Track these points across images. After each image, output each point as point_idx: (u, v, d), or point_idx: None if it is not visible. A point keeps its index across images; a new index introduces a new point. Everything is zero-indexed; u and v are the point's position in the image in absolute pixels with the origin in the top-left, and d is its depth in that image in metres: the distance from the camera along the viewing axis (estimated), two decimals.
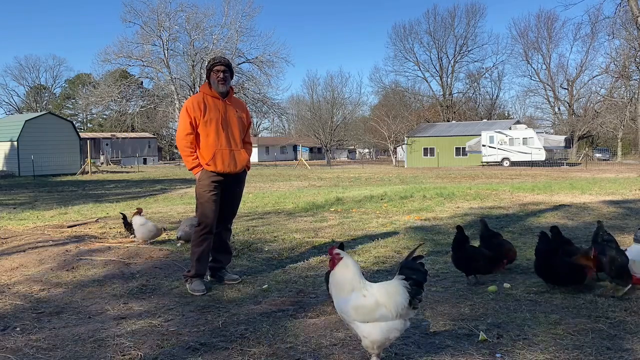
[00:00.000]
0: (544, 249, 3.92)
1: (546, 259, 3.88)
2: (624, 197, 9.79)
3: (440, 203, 9.34)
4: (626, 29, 35.03)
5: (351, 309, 2.51)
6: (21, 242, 6.20)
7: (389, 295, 2.52)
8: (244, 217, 8.02)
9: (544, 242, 3.95)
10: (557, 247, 4.00)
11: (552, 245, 3.98)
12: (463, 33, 65.16)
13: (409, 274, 2.55)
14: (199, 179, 4.30)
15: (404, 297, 2.49)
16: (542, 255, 3.91)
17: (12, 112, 68.18)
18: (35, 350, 3.01)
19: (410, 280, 2.53)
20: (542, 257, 3.90)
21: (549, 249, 3.91)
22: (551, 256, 3.87)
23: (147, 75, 46.16)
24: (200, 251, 4.27)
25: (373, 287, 2.59)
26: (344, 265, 2.60)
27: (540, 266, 3.91)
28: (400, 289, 2.52)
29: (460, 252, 4.21)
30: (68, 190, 17.68)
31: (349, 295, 2.53)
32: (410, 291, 2.51)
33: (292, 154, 74.49)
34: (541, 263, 3.90)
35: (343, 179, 22.91)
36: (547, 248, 3.92)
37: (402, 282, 2.53)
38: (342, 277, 2.58)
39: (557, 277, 3.86)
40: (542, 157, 38.73)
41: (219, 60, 4.36)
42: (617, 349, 2.81)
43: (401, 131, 54.57)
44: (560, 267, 3.82)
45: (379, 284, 2.63)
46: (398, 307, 2.48)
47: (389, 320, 2.49)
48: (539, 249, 3.95)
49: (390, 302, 2.49)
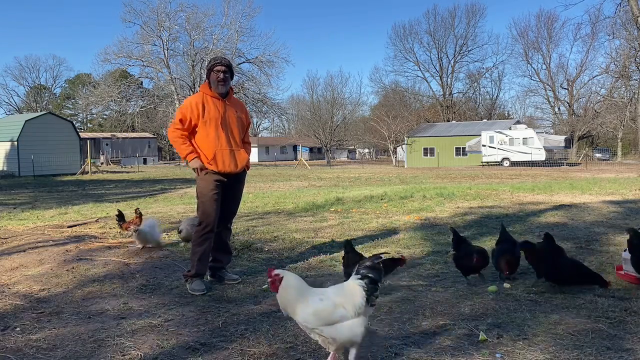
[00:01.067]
0: (548, 250, 3.90)
1: (553, 260, 3.85)
2: (624, 197, 9.80)
3: (440, 203, 9.34)
4: (626, 29, 35.08)
5: (311, 315, 2.53)
6: (21, 242, 6.20)
7: (345, 295, 2.57)
8: (244, 217, 8.02)
9: (548, 243, 3.93)
10: (561, 248, 3.99)
11: (557, 246, 3.96)
12: (463, 33, 65.30)
13: (366, 273, 2.60)
14: (199, 178, 4.30)
15: (361, 295, 2.54)
16: (548, 257, 3.89)
17: (12, 112, 68.22)
18: (35, 350, 3.01)
19: (366, 279, 2.58)
20: (548, 258, 3.88)
21: (553, 250, 3.89)
22: (556, 257, 3.86)
23: (147, 75, 46.27)
24: (201, 251, 4.27)
25: (328, 290, 2.64)
26: (286, 284, 2.59)
27: (546, 268, 3.89)
28: (357, 288, 2.57)
29: (458, 252, 4.24)
30: (68, 190, 17.68)
31: (305, 304, 2.55)
32: (367, 289, 2.55)
33: (292, 154, 74.48)
34: (546, 265, 3.88)
35: (343, 179, 22.91)
36: (551, 249, 3.90)
37: (357, 282, 2.59)
38: (289, 295, 2.58)
39: (562, 278, 3.84)
40: (542, 157, 38.73)
41: (219, 60, 4.35)
42: (617, 349, 2.81)
43: (401, 131, 54.58)
44: (565, 268, 3.80)
45: (335, 286, 2.69)
46: (356, 305, 2.53)
47: (349, 319, 2.52)
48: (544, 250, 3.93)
49: (347, 301, 2.54)
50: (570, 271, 3.80)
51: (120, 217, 6.38)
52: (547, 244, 3.94)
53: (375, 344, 2.94)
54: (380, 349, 2.89)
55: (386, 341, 3.02)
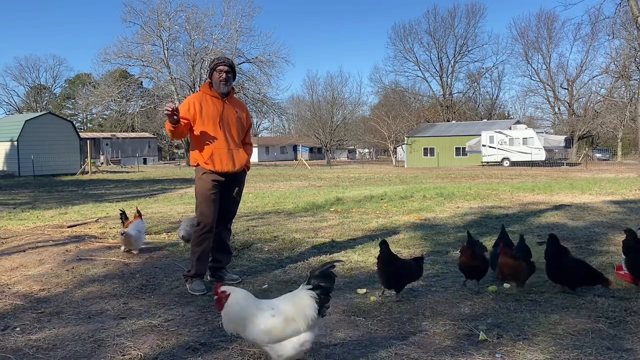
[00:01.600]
0: (554, 251, 3.89)
1: (557, 260, 3.84)
2: (624, 197, 9.80)
3: (440, 203, 9.34)
4: (626, 29, 35.08)
5: (263, 333, 2.39)
6: (21, 242, 6.20)
7: (297, 308, 2.44)
8: (244, 217, 8.02)
9: (553, 244, 3.91)
10: (566, 249, 3.97)
11: (561, 247, 3.94)
12: (463, 33, 65.33)
13: (318, 282, 2.48)
14: (199, 178, 4.29)
15: (313, 307, 2.43)
16: (553, 257, 3.88)
17: (12, 112, 68.22)
18: (35, 350, 3.01)
19: (318, 289, 2.46)
20: (553, 259, 3.87)
21: (559, 251, 3.88)
22: (562, 258, 3.85)
23: (147, 75, 46.28)
24: (200, 251, 4.27)
25: (278, 303, 2.51)
26: (234, 301, 2.45)
27: (552, 269, 3.88)
28: (308, 300, 2.45)
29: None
30: (68, 190, 17.68)
31: (256, 321, 2.41)
32: (319, 300, 2.44)
33: (292, 154, 74.48)
34: (552, 265, 3.87)
35: (343, 179, 22.91)
36: (557, 250, 3.89)
37: (309, 293, 2.47)
38: (238, 312, 2.44)
39: (569, 279, 3.83)
40: (542, 157, 38.74)
41: (222, 60, 4.35)
42: (617, 349, 2.81)
43: (401, 131, 54.59)
44: (571, 269, 3.79)
45: (284, 298, 2.55)
46: (308, 318, 2.41)
47: (300, 333, 2.41)
48: (549, 251, 3.91)
49: (299, 315, 2.42)
50: (574, 272, 3.79)
51: (123, 216, 6.41)
52: (552, 244, 3.92)
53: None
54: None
55: (386, 341, 3.02)
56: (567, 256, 3.89)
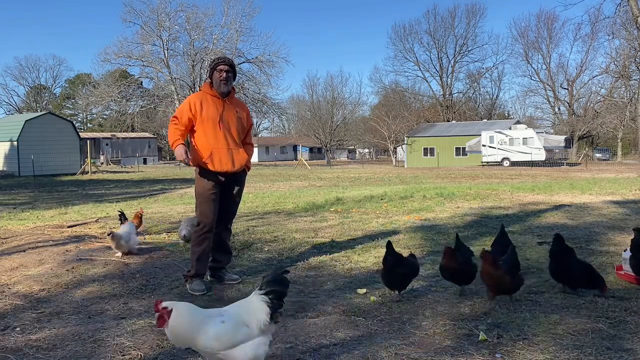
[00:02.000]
0: (559, 251, 3.87)
1: (561, 260, 3.83)
2: (624, 197, 9.80)
3: (440, 203, 9.34)
4: (626, 29, 35.08)
5: (213, 340, 2.33)
6: (21, 242, 6.20)
7: (248, 313, 2.42)
8: (244, 217, 8.02)
9: (558, 244, 3.90)
10: (571, 249, 3.95)
11: (566, 247, 3.92)
12: (463, 33, 65.32)
13: (271, 288, 2.46)
14: (198, 178, 4.30)
15: (265, 312, 2.40)
16: (557, 257, 3.86)
17: (12, 112, 68.20)
18: (35, 350, 3.01)
19: (271, 294, 2.44)
20: (557, 259, 3.86)
21: (564, 251, 3.87)
22: (566, 258, 3.83)
23: (147, 75, 46.20)
24: (200, 251, 4.27)
25: (229, 309, 2.48)
26: (177, 315, 2.35)
27: (555, 268, 3.87)
28: (260, 304, 2.43)
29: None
30: (68, 190, 17.68)
31: (205, 329, 2.34)
32: (271, 305, 2.42)
33: (292, 154, 74.48)
34: (556, 265, 3.86)
35: (343, 179, 22.91)
36: (561, 249, 3.87)
37: (261, 297, 2.45)
38: (184, 325, 2.35)
39: (572, 280, 3.82)
40: (542, 157, 38.74)
41: (223, 59, 4.35)
42: (617, 349, 2.81)
43: (401, 131, 54.59)
44: (574, 270, 3.78)
45: (236, 304, 2.53)
46: (260, 323, 2.39)
47: (253, 338, 2.38)
48: (554, 250, 3.90)
49: (251, 319, 2.39)
50: (577, 273, 3.77)
51: (122, 217, 6.43)
52: (557, 244, 3.91)
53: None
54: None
55: (386, 341, 3.02)
56: (572, 257, 3.87)
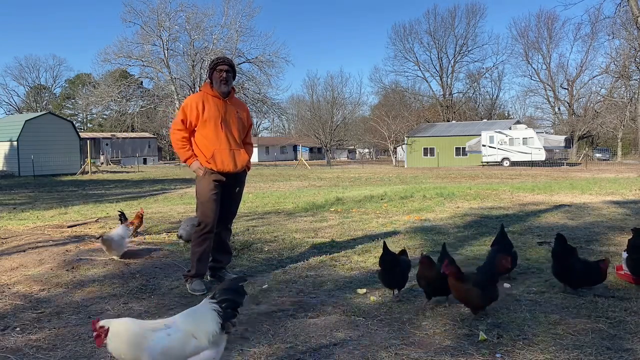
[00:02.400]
0: (560, 251, 3.86)
1: (564, 260, 3.83)
2: (624, 197, 9.80)
3: (440, 203, 9.34)
4: (626, 29, 35.08)
5: (160, 355, 2.21)
6: (21, 242, 6.20)
7: (197, 323, 2.31)
8: (244, 217, 8.02)
9: (560, 244, 3.89)
10: (573, 249, 3.94)
11: (569, 246, 3.91)
12: (463, 33, 65.34)
13: (224, 296, 2.36)
14: (199, 178, 4.30)
15: (215, 322, 2.29)
16: (560, 257, 3.85)
17: (12, 112, 68.18)
18: (35, 350, 3.01)
19: (224, 303, 2.34)
20: (560, 259, 3.85)
21: (566, 250, 3.86)
22: (569, 258, 3.82)
23: (147, 75, 46.23)
24: (200, 251, 4.27)
25: (176, 320, 2.36)
26: (115, 334, 2.23)
27: (558, 268, 3.86)
28: (210, 314, 2.31)
29: None
30: (68, 190, 17.68)
31: (150, 344, 2.22)
32: (223, 315, 2.31)
33: (292, 154, 74.47)
34: (559, 265, 3.85)
35: (343, 179, 22.91)
36: (563, 249, 3.86)
37: (211, 306, 2.33)
38: (124, 344, 2.22)
39: (575, 279, 3.81)
40: (542, 157, 38.73)
41: (222, 59, 4.35)
42: (617, 349, 2.82)
43: (401, 131, 54.59)
44: (578, 269, 3.77)
45: (184, 313, 2.42)
46: (209, 334, 2.27)
47: (204, 350, 2.27)
48: (556, 251, 3.89)
49: (200, 330, 2.28)
50: (579, 273, 3.77)
51: (122, 217, 6.45)
52: (559, 244, 3.89)
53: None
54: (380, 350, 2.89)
55: (386, 341, 3.02)
56: (574, 256, 3.86)
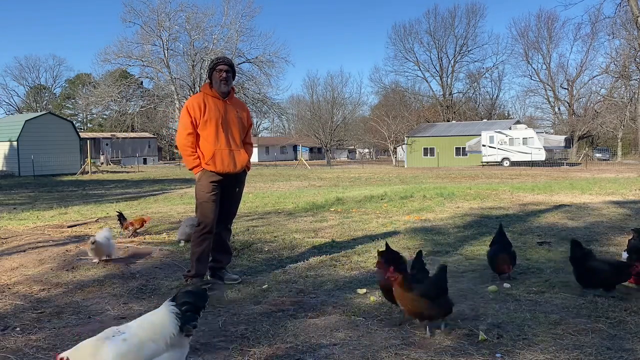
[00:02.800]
0: (579, 256, 3.83)
1: (584, 264, 3.81)
2: (624, 197, 9.80)
3: (440, 203, 9.34)
4: (626, 29, 35.13)
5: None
6: (21, 242, 6.20)
7: (153, 327, 2.31)
8: (244, 217, 8.02)
9: (577, 249, 3.86)
10: (590, 251, 3.91)
11: (586, 250, 3.88)
12: (463, 33, 65.32)
13: (185, 299, 2.35)
14: (199, 178, 4.30)
15: (173, 325, 2.29)
16: (581, 263, 3.82)
17: (12, 112, 68.17)
18: (35, 350, 3.01)
19: (184, 305, 2.34)
20: (581, 264, 3.82)
21: (584, 255, 3.83)
22: (589, 261, 3.80)
23: (147, 75, 46.22)
24: (200, 251, 4.27)
25: (131, 325, 2.34)
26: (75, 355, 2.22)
27: (581, 273, 3.83)
28: (167, 317, 2.32)
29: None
30: (68, 190, 17.68)
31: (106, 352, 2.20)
32: (181, 317, 2.31)
33: (292, 154, 74.45)
34: (581, 270, 3.82)
35: (343, 179, 22.91)
36: (582, 254, 3.83)
37: (170, 309, 2.34)
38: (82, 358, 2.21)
39: (598, 281, 3.78)
40: (542, 157, 38.73)
41: (222, 60, 4.36)
42: (617, 349, 2.81)
43: (401, 131, 54.58)
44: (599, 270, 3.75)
45: (142, 317, 2.43)
46: (166, 337, 2.27)
47: (162, 353, 2.26)
48: (576, 256, 3.86)
49: (157, 334, 2.27)
50: (606, 274, 3.74)
51: (121, 217, 6.47)
52: (577, 249, 3.87)
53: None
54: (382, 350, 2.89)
55: (386, 341, 3.02)
56: (593, 259, 3.83)
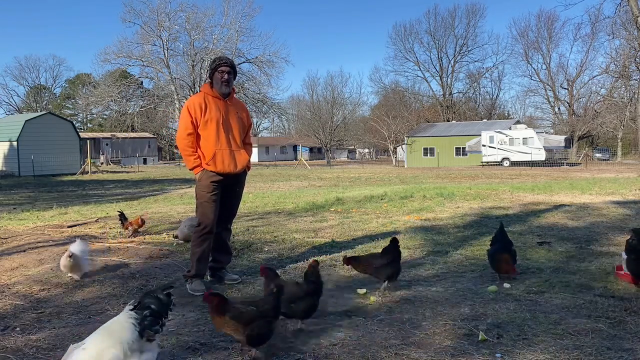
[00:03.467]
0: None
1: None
2: (624, 197, 9.79)
3: (440, 203, 9.34)
4: (626, 29, 35.09)
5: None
6: (21, 242, 6.20)
7: (111, 334, 2.30)
8: (244, 217, 8.02)
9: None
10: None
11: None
12: (463, 33, 65.33)
13: (147, 304, 2.35)
14: (199, 179, 4.30)
15: (131, 330, 2.29)
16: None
17: (12, 112, 68.15)
18: (35, 350, 3.01)
19: (146, 310, 2.34)
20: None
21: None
22: None
23: (147, 75, 46.21)
24: (200, 251, 4.28)
25: (91, 336, 2.34)
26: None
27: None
28: (126, 323, 2.32)
29: None
30: (68, 190, 17.68)
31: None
32: (141, 322, 2.32)
33: (292, 154, 74.45)
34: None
35: (343, 179, 22.91)
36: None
37: (128, 314, 2.34)
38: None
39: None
40: (542, 157, 38.73)
41: (224, 60, 4.35)
42: (617, 349, 2.81)
43: (401, 131, 54.58)
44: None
45: (101, 327, 2.39)
46: (125, 342, 2.26)
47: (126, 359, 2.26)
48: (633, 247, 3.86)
49: (115, 341, 2.26)
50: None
51: (122, 217, 6.47)
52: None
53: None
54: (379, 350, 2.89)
55: (386, 341, 3.02)
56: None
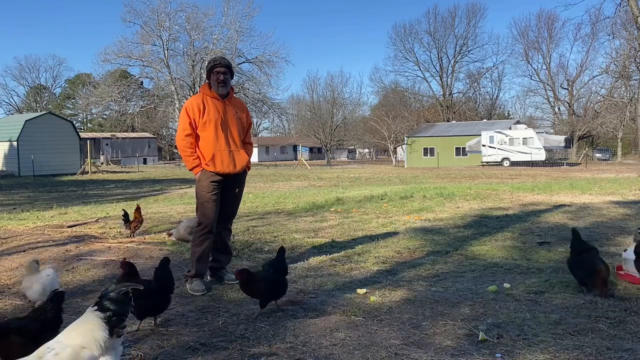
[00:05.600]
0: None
1: None
2: (624, 197, 9.79)
3: (440, 203, 9.34)
4: (626, 29, 35.15)
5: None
6: (21, 242, 6.20)
7: (84, 335, 2.28)
8: (244, 217, 8.02)
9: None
10: None
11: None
12: (463, 33, 65.33)
13: (107, 306, 2.34)
14: (199, 179, 4.31)
15: (101, 328, 2.29)
16: None
17: (12, 112, 68.13)
18: None
19: (107, 311, 2.32)
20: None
21: None
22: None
23: (147, 75, 46.25)
24: (200, 251, 4.28)
25: (60, 338, 2.31)
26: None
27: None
28: (96, 323, 2.30)
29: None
30: (68, 190, 17.68)
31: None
32: (109, 322, 2.30)
33: (292, 154, 74.44)
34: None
35: (343, 179, 22.91)
36: None
37: (95, 314, 2.32)
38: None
39: None
40: (542, 157, 38.74)
41: (219, 61, 4.34)
42: (617, 349, 2.81)
43: (401, 131, 54.57)
44: None
45: (68, 328, 2.38)
46: (98, 341, 2.26)
47: (99, 357, 2.27)
48: None
49: (89, 341, 2.26)
50: None
51: (126, 217, 6.47)
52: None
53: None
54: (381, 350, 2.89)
55: (386, 341, 3.02)
56: None
